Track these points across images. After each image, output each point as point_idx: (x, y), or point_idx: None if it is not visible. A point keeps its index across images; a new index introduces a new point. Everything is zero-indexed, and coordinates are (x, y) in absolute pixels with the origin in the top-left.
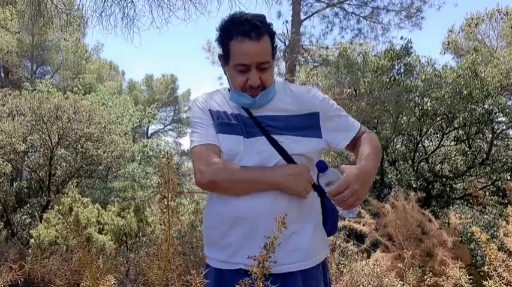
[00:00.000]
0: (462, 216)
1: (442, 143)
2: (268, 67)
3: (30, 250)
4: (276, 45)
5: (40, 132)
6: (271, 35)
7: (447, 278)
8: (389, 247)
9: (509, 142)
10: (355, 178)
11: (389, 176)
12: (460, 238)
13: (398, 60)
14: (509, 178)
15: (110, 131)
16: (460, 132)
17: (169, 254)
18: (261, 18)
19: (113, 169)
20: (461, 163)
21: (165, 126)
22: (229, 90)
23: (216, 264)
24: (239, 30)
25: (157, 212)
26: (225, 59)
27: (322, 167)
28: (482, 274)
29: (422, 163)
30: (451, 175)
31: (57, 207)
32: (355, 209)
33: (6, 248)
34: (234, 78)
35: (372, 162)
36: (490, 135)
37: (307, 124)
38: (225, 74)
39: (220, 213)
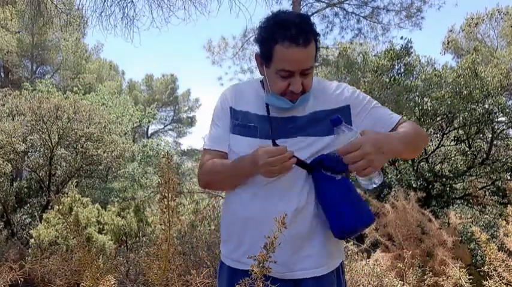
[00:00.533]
0: (462, 216)
1: (442, 143)
2: (310, 72)
3: (30, 250)
4: (320, 47)
5: (40, 132)
6: (316, 38)
7: (447, 278)
8: (389, 247)
9: (509, 142)
10: (371, 141)
11: (389, 176)
12: (460, 238)
13: (398, 60)
14: (509, 177)
15: (110, 131)
16: (460, 132)
17: (169, 254)
18: (308, 20)
19: (113, 169)
20: (461, 162)
21: (165, 126)
22: (261, 82)
23: (229, 262)
24: (286, 34)
25: (157, 212)
26: (265, 61)
27: (336, 121)
28: (482, 274)
29: (422, 163)
30: (451, 175)
31: (57, 207)
32: (377, 179)
33: (6, 248)
34: (275, 83)
35: (403, 135)
36: (490, 135)
37: None
38: (261, 74)
39: (232, 212)
